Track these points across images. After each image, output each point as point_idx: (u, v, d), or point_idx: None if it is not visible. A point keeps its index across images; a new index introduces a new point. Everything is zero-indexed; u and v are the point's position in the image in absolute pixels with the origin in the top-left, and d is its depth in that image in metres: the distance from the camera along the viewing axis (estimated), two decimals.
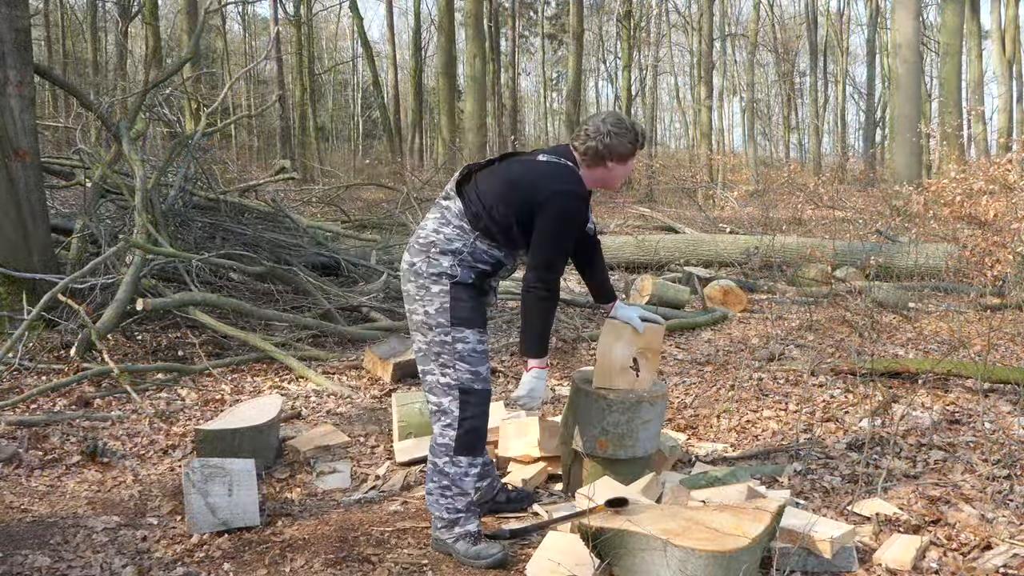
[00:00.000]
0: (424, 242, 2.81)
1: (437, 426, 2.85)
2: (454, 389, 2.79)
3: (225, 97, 9.18)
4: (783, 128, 35.16)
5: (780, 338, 5.87)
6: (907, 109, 13.95)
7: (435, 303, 2.77)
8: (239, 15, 32.75)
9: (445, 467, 2.82)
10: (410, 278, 2.82)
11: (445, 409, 2.81)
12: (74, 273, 5.29)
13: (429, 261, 2.79)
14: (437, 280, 2.77)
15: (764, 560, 2.58)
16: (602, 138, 2.81)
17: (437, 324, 2.77)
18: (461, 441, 2.81)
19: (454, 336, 2.77)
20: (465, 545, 2.80)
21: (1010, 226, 6.84)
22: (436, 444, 2.85)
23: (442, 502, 2.83)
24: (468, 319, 2.79)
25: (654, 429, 3.20)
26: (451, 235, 2.78)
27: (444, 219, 2.82)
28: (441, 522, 2.84)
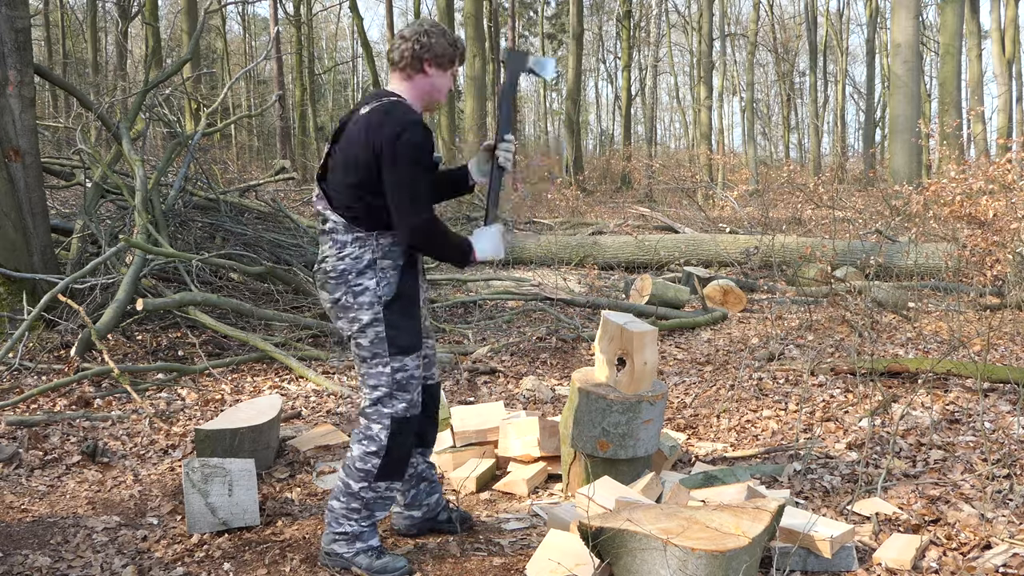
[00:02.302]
0: (336, 273, 2.60)
1: (359, 448, 2.67)
2: (386, 418, 2.65)
3: (225, 97, 9.18)
4: (782, 128, 35.18)
5: (780, 338, 5.87)
6: (906, 109, 13.95)
7: (370, 333, 2.61)
8: (239, 15, 32.77)
9: (361, 492, 2.66)
10: (339, 315, 2.65)
11: (373, 436, 2.65)
12: (74, 273, 5.29)
13: (352, 290, 2.59)
14: (369, 307, 2.59)
15: (764, 560, 2.58)
16: (418, 37, 2.60)
17: (373, 355, 2.62)
18: (384, 470, 2.66)
19: (393, 367, 2.63)
20: (368, 559, 2.67)
21: (1009, 226, 6.84)
22: (354, 467, 2.67)
23: (344, 520, 2.69)
24: (407, 346, 2.64)
25: (654, 429, 3.20)
26: (354, 252, 2.59)
27: (337, 243, 2.60)
28: (340, 536, 2.69)
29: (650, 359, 3.13)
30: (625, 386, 3.12)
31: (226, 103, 22.91)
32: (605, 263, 9.82)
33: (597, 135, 44.61)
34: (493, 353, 5.62)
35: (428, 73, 2.65)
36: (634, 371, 3.10)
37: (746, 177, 20.43)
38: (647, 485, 3.06)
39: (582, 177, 23.04)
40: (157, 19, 18.33)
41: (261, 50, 31.73)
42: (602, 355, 3.23)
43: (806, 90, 36.18)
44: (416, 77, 2.65)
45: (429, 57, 2.62)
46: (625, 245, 9.94)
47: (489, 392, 4.90)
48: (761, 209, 13.99)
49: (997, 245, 6.85)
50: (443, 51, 2.64)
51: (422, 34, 2.61)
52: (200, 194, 7.37)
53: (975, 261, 7.23)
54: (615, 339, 3.16)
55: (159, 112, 7.56)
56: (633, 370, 3.10)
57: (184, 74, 12.22)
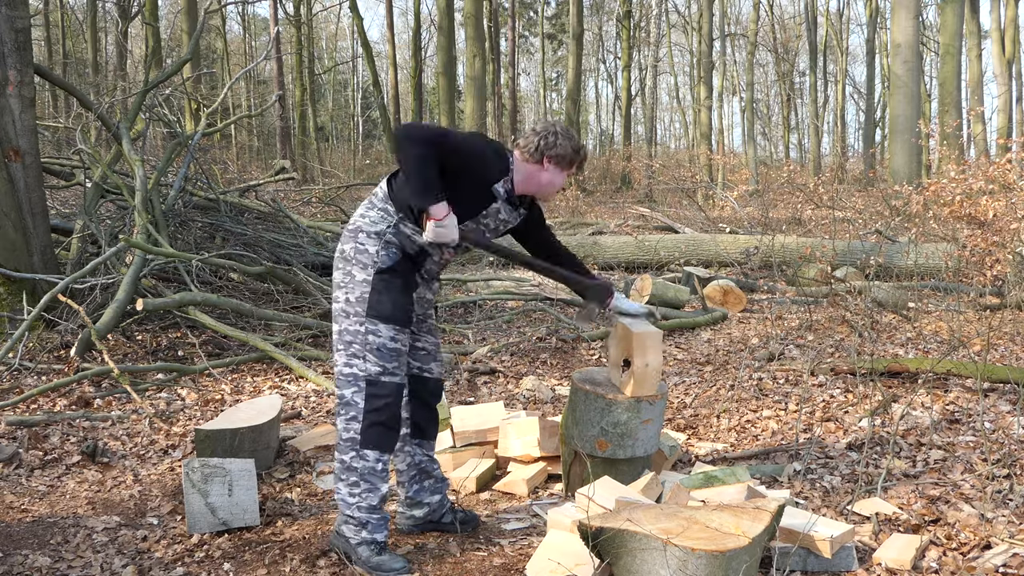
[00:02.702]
0: (352, 228, 2.80)
1: (340, 420, 2.75)
2: (360, 380, 2.71)
3: (225, 97, 9.18)
4: (782, 128, 35.18)
5: (779, 338, 5.87)
6: (906, 109, 13.95)
7: (356, 291, 2.73)
8: (239, 15, 32.75)
9: (352, 462, 2.72)
10: (338, 265, 2.80)
11: (349, 401, 2.72)
12: (74, 273, 5.29)
13: (356, 246, 2.76)
14: (364, 267, 2.73)
15: (764, 560, 2.58)
16: (547, 136, 2.81)
17: (355, 312, 2.72)
18: (367, 435, 2.71)
19: (367, 327, 2.71)
20: (368, 552, 2.72)
21: (1009, 226, 6.84)
22: (341, 440, 2.75)
23: (351, 500, 2.73)
24: (385, 315, 2.71)
25: (654, 429, 3.20)
26: (375, 217, 2.77)
27: (370, 203, 2.82)
28: (352, 520, 2.74)
29: (652, 362, 3.05)
30: (626, 387, 3.08)
31: (226, 103, 22.91)
32: (605, 263, 9.82)
33: (597, 135, 44.61)
34: (493, 353, 5.62)
35: (544, 167, 2.84)
36: (635, 373, 3.04)
37: (746, 177, 20.43)
38: (647, 485, 3.05)
39: (582, 177, 23.03)
40: (157, 19, 18.33)
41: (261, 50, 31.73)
42: (610, 357, 3.21)
43: (806, 90, 36.19)
44: (532, 165, 2.84)
45: (550, 155, 2.83)
46: (625, 245, 9.94)
47: (489, 392, 4.90)
48: (761, 209, 13.99)
49: (997, 245, 6.84)
50: (565, 153, 2.84)
51: (552, 134, 2.83)
52: (200, 194, 7.37)
53: (975, 261, 7.22)
54: (623, 340, 3.11)
55: (159, 112, 7.56)
56: (634, 372, 3.04)
57: (184, 74, 12.22)
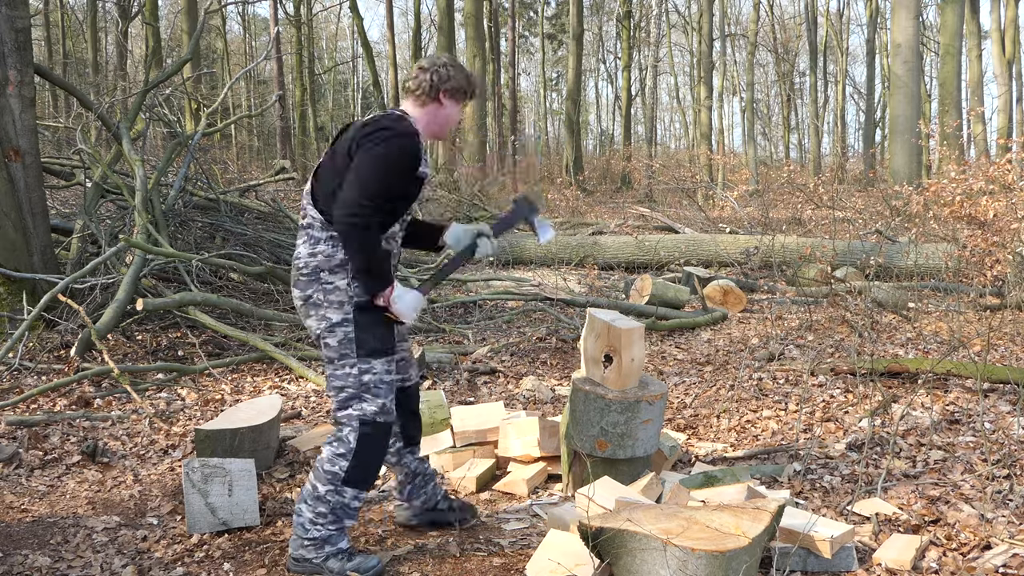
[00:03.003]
0: (308, 270, 2.61)
1: (328, 450, 2.66)
2: (354, 420, 2.63)
3: (225, 97, 9.18)
4: (783, 128, 35.18)
5: (780, 338, 5.87)
6: (906, 109, 13.95)
7: (337, 334, 2.60)
8: (239, 15, 32.78)
9: (328, 495, 2.64)
10: (309, 313, 2.63)
11: (342, 438, 2.65)
12: (74, 273, 5.29)
13: (323, 288, 2.59)
14: (339, 306, 2.59)
15: (764, 560, 2.58)
16: (436, 68, 2.69)
17: (341, 356, 2.61)
18: (352, 474, 2.64)
19: (360, 368, 2.62)
20: (339, 563, 2.64)
21: (1009, 226, 6.84)
22: (322, 468, 2.66)
23: (311, 526, 2.65)
24: (376, 349, 2.62)
25: (653, 429, 3.20)
26: (327, 250, 2.59)
27: (312, 238, 2.62)
28: (309, 542, 2.65)
29: (637, 355, 3.15)
30: (613, 383, 3.14)
31: (226, 103, 22.91)
32: (605, 263, 9.82)
33: (597, 135, 44.62)
34: (493, 353, 5.62)
35: (443, 103, 2.73)
36: (621, 367, 3.12)
37: (746, 177, 20.44)
38: (647, 485, 3.06)
39: (582, 177, 23.05)
40: (157, 19, 18.33)
41: (261, 50, 31.74)
42: (588, 352, 3.25)
43: (806, 90, 36.21)
44: (430, 105, 2.72)
45: (446, 88, 2.71)
46: (625, 245, 9.94)
47: (489, 392, 4.90)
48: (761, 209, 13.99)
49: (997, 245, 6.84)
50: (459, 84, 2.74)
51: (441, 66, 2.72)
52: (200, 194, 7.38)
53: (975, 261, 7.23)
54: (601, 336, 3.18)
55: (159, 112, 7.56)
56: (620, 366, 3.12)
57: (184, 74, 12.22)
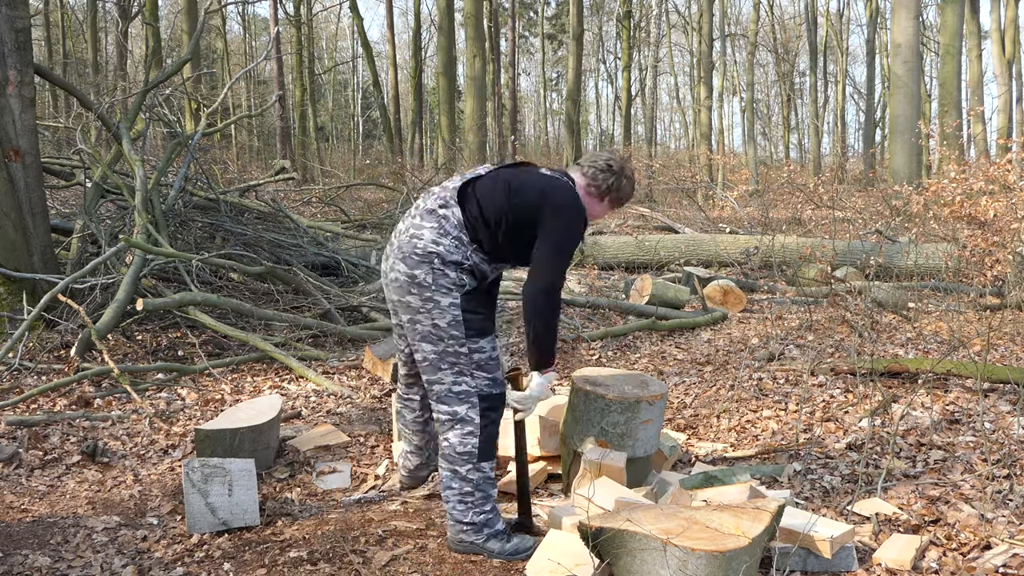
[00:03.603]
0: (423, 252, 2.72)
1: (454, 434, 2.79)
2: (472, 396, 2.78)
3: (225, 97, 9.18)
4: (783, 128, 35.17)
5: (780, 338, 5.87)
6: (906, 109, 13.94)
7: (446, 316, 2.72)
8: (239, 15, 32.75)
9: (468, 474, 2.79)
10: (411, 290, 2.74)
11: (463, 417, 2.78)
12: (74, 273, 5.29)
13: (434, 272, 2.71)
14: (448, 291, 2.72)
15: (764, 560, 2.58)
16: (618, 177, 2.85)
17: (451, 336, 2.74)
18: (484, 448, 2.80)
19: (470, 347, 2.76)
20: (499, 544, 2.79)
21: (1009, 226, 6.83)
22: (456, 453, 2.80)
23: (461, 507, 2.80)
24: (482, 329, 2.78)
25: (654, 429, 3.20)
26: (450, 247, 2.72)
27: (442, 229, 2.73)
28: (469, 527, 2.80)
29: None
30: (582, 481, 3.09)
31: (226, 103, 22.91)
32: (605, 263, 9.82)
33: (597, 135, 44.60)
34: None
35: (603, 202, 2.90)
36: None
37: (746, 177, 20.42)
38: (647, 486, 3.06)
39: None
40: (157, 19, 18.33)
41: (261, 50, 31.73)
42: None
43: (806, 90, 36.19)
44: (591, 199, 2.87)
45: (614, 196, 2.89)
46: (625, 245, 9.94)
47: None
48: (761, 209, 13.98)
49: (997, 245, 6.84)
50: (625, 196, 2.91)
51: (622, 175, 2.86)
52: (200, 194, 7.38)
53: (975, 261, 7.22)
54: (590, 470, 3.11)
55: (159, 112, 7.56)
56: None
57: (184, 74, 12.22)
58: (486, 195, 2.75)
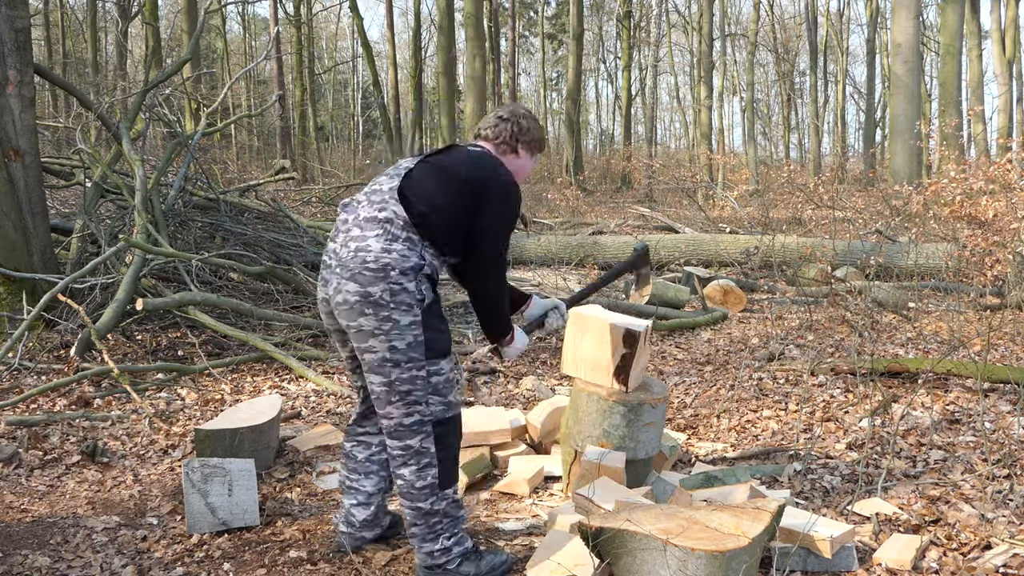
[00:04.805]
0: (376, 266, 2.43)
1: (409, 470, 2.54)
2: (425, 426, 2.53)
3: (225, 97, 9.18)
4: (783, 128, 35.16)
5: (780, 338, 5.87)
6: (907, 109, 13.94)
7: (406, 337, 2.45)
8: (239, 15, 32.76)
9: (432, 506, 2.56)
10: (365, 311, 2.43)
11: (418, 450, 2.53)
12: (74, 273, 5.29)
13: (391, 288, 2.43)
14: (408, 309, 2.45)
15: (764, 560, 2.58)
16: (517, 120, 2.72)
17: (408, 359, 2.47)
18: (444, 476, 2.57)
19: (429, 370, 2.51)
20: (473, 566, 2.61)
21: (1009, 226, 6.83)
22: (415, 489, 2.55)
23: (431, 537, 2.59)
24: (443, 349, 2.55)
25: (655, 431, 3.20)
26: (403, 250, 2.46)
27: (389, 234, 2.47)
28: (440, 552, 2.59)
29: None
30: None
31: (226, 103, 22.91)
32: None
33: (597, 135, 44.62)
34: (492, 353, 5.61)
35: (520, 155, 2.77)
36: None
37: (746, 177, 20.42)
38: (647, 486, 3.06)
39: (582, 177, 23.04)
40: (157, 19, 18.32)
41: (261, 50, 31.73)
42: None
43: (806, 90, 36.19)
44: (508, 156, 2.75)
45: (526, 140, 2.75)
46: (625, 245, 9.93)
47: (489, 392, 4.90)
48: (761, 209, 13.98)
49: (997, 245, 6.84)
50: (537, 137, 2.77)
51: (521, 117, 2.75)
52: (200, 194, 7.37)
53: (975, 261, 7.22)
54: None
55: (159, 112, 7.56)
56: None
57: (184, 74, 12.22)
58: (422, 186, 2.56)
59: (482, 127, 2.77)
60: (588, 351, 3.20)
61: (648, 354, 3.19)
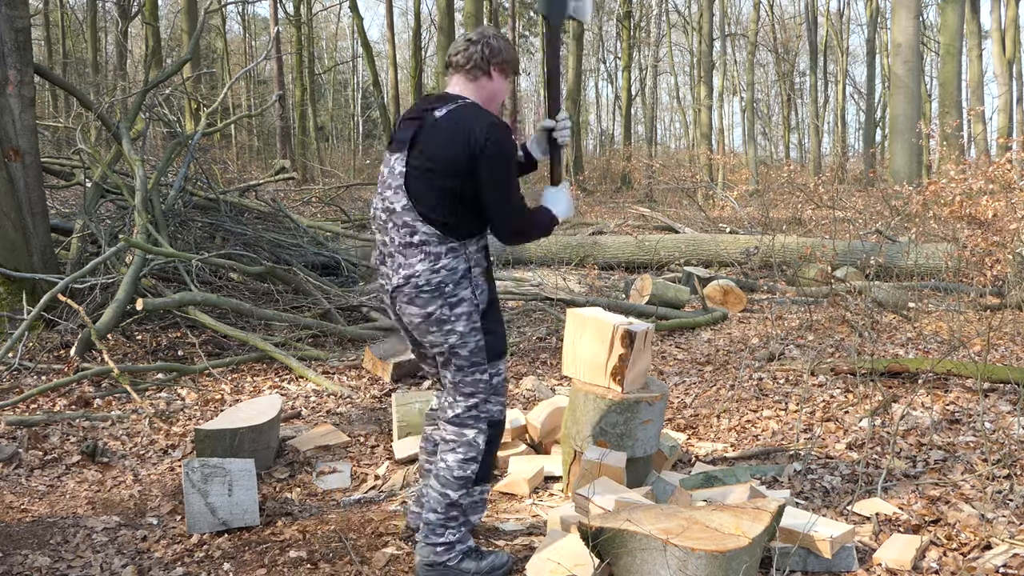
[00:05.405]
0: (431, 287, 2.53)
1: (455, 457, 2.65)
2: (483, 422, 2.65)
3: (225, 97, 9.18)
4: (783, 128, 35.16)
5: (780, 338, 5.87)
6: (907, 109, 13.93)
7: (468, 344, 2.59)
8: (239, 15, 32.75)
9: (460, 499, 2.64)
10: (431, 329, 2.58)
11: (471, 441, 2.65)
12: (74, 273, 5.29)
13: (448, 302, 2.55)
14: (467, 317, 2.57)
15: (764, 560, 2.58)
16: (487, 41, 2.63)
17: (472, 364, 2.61)
18: (482, 473, 2.67)
19: (491, 372, 2.64)
20: (474, 563, 2.65)
21: (1009, 226, 6.83)
22: (453, 476, 2.64)
23: (440, 529, 2.65)
24: (501, 350, 2.66)
25: (653, 430, 3.20)
26: (451, 264, 2.54)
27: (431, 255, 2.53)
28: (443, 546, 2.64)
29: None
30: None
31: (226, 103, 22.91)
32: (605, 263, 9.81)
33: (597, 135, 44.61)
34: None
35: (493, 77, 2.68)
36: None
37: (746, 177, 20.43)
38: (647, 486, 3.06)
39: (582, 177, 23.05)
40: (157, 19, 18.32)
41: (261, 50, 31.74)
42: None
43: (806, 90, 36.19)
44: (481, 79, 2.66)
45: (497, 62, 2.67)
46: (625, 245, 9.94)
47: None
48: (761, 209, 13.98)
49: (997, 245, 6.84)
50: (509, 57, 2.69)
51: (491, 37, 2.67)
52: (200, 194, 7.38)
53: (975, 261, 7.22)
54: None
55: (159, 112, 7.56)
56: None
57: (184, 74, 12.22)
58: (424, 196, 2.53)
59: (451, 54, 2.67)
60: (587, 351, 3.20)
61: (649, 356, 3.19)
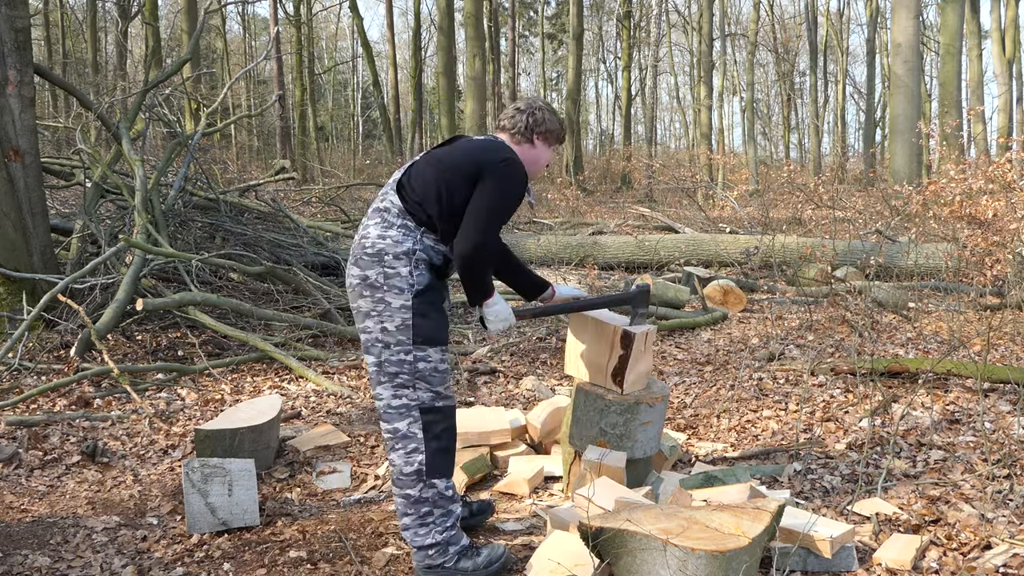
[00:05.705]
0: (373, 251, 2.61)
1: (398, 455, 2.62)
2: (413, 410, 2.61)
3: (225, 97, 9.18)
4: (783, 128, 35.16)
5: (780, 338, 5.87)
6: (907, 109, 13.93)
7: (396, 319, 2.58)
8: (239, 15, 32.76)
9: (421, 494, 2.61)
10: (363, 292, 2.61)
11: (405, 434, 2.61)
12: (74, 273, 5.29)
13: (384, 271, 2.59)
14: (399, 292, 2.58)
15: (764, 560, 2.58)
16: (533, 111, 2.81)
17: (397, 342, 2.59)
18: (432, 464, 2.62)
19: (416, 355, 2.60)
20: (471, 561, 2.64)
21: (1009, 226, 6.83)
22: (403, 474, 2.62)
23: (423, 531, 2.63)
24: (432, 337, 2.62)
25: (653, 431, 3.20)
26: (397, 236, 2.61)
27: (386, 222, 2.64)
28: (435, 548, 2.63)
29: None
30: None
31: (226, 103, 22.92)
32: (605, 263, 9.82)
33: (597, 135, 44.61)
34: (493, 353, 5.62)
35: (536, 145, 2.84)
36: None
37: (746, 177, 20.43)
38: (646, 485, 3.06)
39: (582, 177, 23.05)
40: (157, 19, 18.33)
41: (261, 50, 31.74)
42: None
43: (806, 90, 36.20)
44: (524, 145, 2.83)
45: (541, 131, 2.83)
46: (625, 245, 9.94)
47: (489, 392, 4.90)
48: (761, 209, 13.99)
49: (997, 245, 6.84)
50: (553, 128, 2.85)
51: (537, 109, 2.83)
52: (200, 194, 7.37)
53: (975, 261, 7.22)
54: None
55: (159, 112, 7.56)
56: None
57: (184, 74, 12.22)
58: (419, 176, 2.67)
59: (501, 118, 2.89)
60: (587, 352, 3.20)
61: (651, 357, 3.18)
